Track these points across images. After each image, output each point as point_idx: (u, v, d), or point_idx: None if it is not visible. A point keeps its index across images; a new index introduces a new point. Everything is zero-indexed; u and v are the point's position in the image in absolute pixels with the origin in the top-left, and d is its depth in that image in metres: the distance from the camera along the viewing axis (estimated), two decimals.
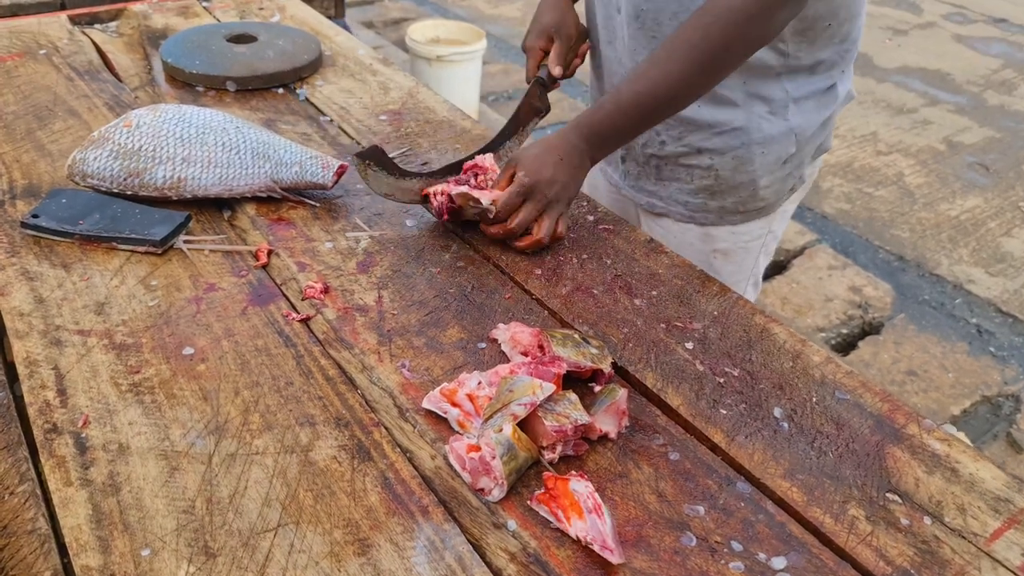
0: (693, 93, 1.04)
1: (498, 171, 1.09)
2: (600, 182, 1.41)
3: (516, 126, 1.22)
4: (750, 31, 0.98)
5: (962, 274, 2.91)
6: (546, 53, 1.24)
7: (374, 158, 1.08)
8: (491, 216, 1.03)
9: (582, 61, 1.29)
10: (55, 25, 1.62)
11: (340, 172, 1.12)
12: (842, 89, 1.18)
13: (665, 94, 1.02)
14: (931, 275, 2.91)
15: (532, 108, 1.22)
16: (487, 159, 1.10)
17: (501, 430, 0.73)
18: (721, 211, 1.23)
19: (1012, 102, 4.24)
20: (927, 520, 0.72)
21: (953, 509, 0.74)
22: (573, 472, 0.73)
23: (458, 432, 0.78)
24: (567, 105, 3.86)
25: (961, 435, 2.07)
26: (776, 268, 2.87)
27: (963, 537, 0.71)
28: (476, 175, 1.09)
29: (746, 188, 1.20)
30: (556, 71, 1.21)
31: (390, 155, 1.12)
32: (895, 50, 4.79)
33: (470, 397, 0.79)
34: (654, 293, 0.99)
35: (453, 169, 1.13)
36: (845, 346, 2.57)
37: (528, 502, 0.72)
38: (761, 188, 1.20)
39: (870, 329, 2.65)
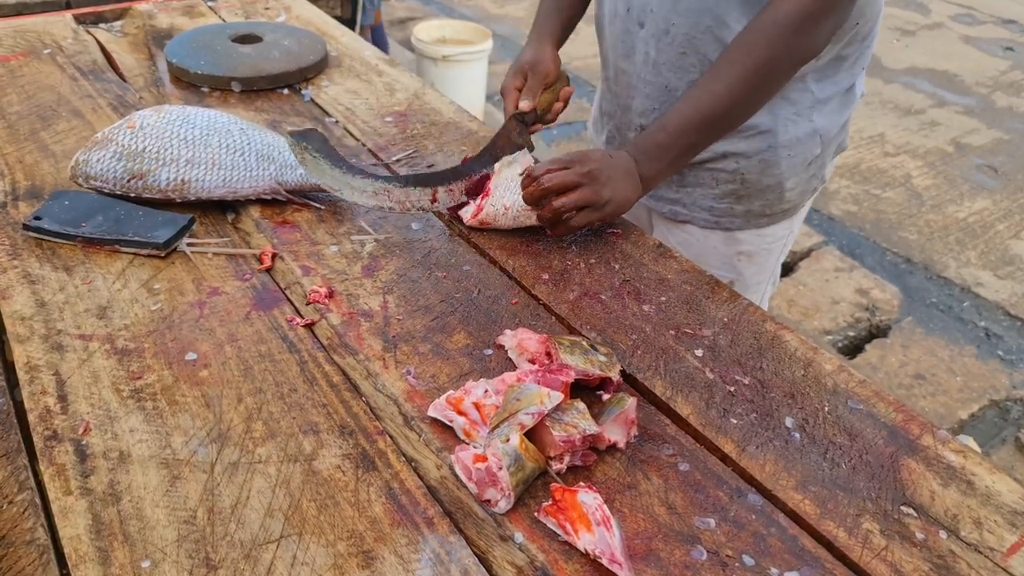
0: (743, 111, 1.04)
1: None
2: None
3: (494, 157, 1.16)
4: (796, 44, 0.98)
5: (970, 277, 2.89)
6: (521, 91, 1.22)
7: (312, 143, 1.00)
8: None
9: (564, 106, 1.24)
10: (60, 24, 1.61)
11: None
12: (859, 89, 1.18)
13: (712, 113, 1.01)
14: (939, 278, 2.89)
15: (511, 142, 1.17)
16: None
17: (508, 440, 0.71)
18: (747, 215, 1.21)
19: (1021, 104, 4.21)
20: (943, 534, 0.71)
21: (969, 523, 0.72)
22: (581, 483, 0.72)
23: (464, 441, 0.77)
24: (576, 106, 3.85)
25: (970, 440, 2.05)
26: (782, 270, 2.84)
27: (979, 552, 0.70)
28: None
29: (773, 191, 1.19)
30: (523, 104, 1.18)
31: (395, 157, 1.09)
32: (903, 51, 4.76)
33: (476, 406, 0.77)
34: (663, 299, 0.98)
35: (420, 180, 1.08)
36: (852, 349, 2.55)
37: (535, 514, 0.71)
38: (787, 190, 1.19)
39: (877, 332, 2.63)
